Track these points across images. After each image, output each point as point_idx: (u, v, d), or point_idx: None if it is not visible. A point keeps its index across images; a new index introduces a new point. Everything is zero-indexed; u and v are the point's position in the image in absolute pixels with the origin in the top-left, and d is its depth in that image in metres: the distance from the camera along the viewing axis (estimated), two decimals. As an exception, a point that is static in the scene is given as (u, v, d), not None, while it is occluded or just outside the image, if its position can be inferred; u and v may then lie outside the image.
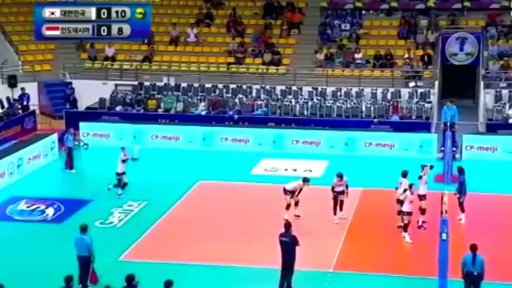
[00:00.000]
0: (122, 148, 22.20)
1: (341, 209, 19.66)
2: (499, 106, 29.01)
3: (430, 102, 29.62)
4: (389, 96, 30.22)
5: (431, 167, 19.89)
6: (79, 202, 21.37)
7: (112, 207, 20.90)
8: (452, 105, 27.10)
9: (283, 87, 31.27)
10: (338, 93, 30.68)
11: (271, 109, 30.22)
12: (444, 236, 15.20)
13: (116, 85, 32.23)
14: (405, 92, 30.30)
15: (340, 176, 19.62)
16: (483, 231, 18.66)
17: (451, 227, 16.18)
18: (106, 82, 32.20)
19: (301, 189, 19.58)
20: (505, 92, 29.64)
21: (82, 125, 28.44)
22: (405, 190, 18.52)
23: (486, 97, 29.49)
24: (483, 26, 32.37)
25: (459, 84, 32.13)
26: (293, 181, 19.87)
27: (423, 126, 28.18)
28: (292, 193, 19.50)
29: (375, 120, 28.92)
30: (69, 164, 24.86)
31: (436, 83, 30.46)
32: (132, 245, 18.27)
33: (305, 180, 19.62)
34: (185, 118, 29.57)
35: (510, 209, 20.55)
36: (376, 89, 30.45)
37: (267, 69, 32.51)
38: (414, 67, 31.20)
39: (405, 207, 18.28)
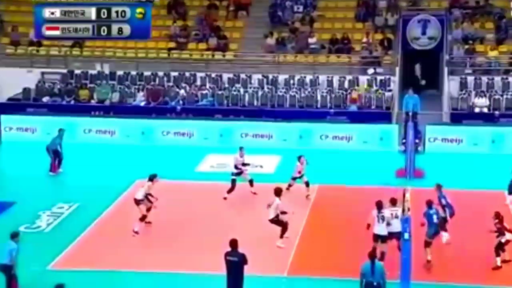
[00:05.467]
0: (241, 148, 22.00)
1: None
2: (464, 94, 29.56)
3: (390, 91, 30.00)
4: (346, 84, 30.49)
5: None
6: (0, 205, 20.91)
7: (40, 210, 20.54)
8: (413, 94, 27.55)
9: (231, 75, 31.22)
10: (291, 81, 30.81)
11: (218, 99, 30.14)
12: (406, 235, 15.43)
13: (43, 73, 31.71)
14: (363, 79, 30.61)
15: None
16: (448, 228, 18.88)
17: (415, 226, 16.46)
18: (31, 70, 31.63)
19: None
20: (470, 79, 30.19)
21: (4, 118, 27.88)
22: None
23: (450, 85, 30.00)
24: (446, 8, 32.88)
25: (422, 70, 32.64)
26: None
27: (383, 117, 28.54)
28: (144, 200, 19.22)
29: (332, 110, 29.16)
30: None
31: (397, 69, 30.86)
32: (62, 252, 17.99)
33: (151, 178, 19.37)
34: (122, 110, 29.35)
35: (477, 206, 20.91)
36: (332, 77, 30.69)
37: (213, 55, 32.39)
38: (373, 53, 31.54)
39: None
